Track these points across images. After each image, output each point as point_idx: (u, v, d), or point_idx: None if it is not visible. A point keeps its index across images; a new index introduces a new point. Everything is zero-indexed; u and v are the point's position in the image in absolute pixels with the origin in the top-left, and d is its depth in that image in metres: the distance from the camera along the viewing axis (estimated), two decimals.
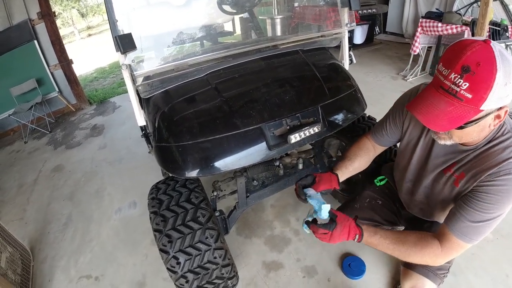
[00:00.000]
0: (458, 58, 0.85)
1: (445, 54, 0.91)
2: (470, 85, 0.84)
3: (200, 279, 1.40)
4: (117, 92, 5.99)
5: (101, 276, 2.12)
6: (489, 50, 0.82)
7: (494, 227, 1.01)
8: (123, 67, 1.38)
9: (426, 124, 0.96)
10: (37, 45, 4.59)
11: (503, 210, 0.98)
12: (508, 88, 0.83)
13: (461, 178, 1.10)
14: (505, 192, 0.96)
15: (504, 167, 0.96)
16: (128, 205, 2.75)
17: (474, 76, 0.83)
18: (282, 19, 2.61)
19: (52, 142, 4.26)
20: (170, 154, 1.42)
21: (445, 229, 1.06)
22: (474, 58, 0.83)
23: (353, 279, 1.86)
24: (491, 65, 0.81)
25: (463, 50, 0.85)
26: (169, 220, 1.40)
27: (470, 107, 0.87)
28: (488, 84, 0.82)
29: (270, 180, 1.93)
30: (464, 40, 0.88)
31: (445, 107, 0.90)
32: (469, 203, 1.01)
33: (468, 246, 1.03)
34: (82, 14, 21.57)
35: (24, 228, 2.65)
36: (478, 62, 0.82)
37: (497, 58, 0.81)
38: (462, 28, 3.74)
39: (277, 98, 1.52)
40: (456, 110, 0.89)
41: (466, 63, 0.83)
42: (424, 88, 1.05)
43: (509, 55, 0.83)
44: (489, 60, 0.81)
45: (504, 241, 1.99)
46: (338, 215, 1.18)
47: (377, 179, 1.68)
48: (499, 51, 0.82)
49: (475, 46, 0.83)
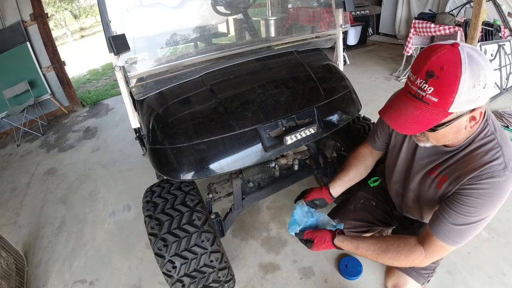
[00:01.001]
0: (423, 64, 0.87)
1: (415, 61, 0.93)
2: (435, 89, 0.86)
3: (196, 283, 1.38)
4: (110, 94, 5.95)
5: (96, 280, 2.09)
6: (455, 53, 0.83)
7: (479, 230, 1.00)
8: (116, 68, 1.37)
9: (395, 128, 0.99)
10: (29, 47, 4.54)
11: (486, 214, 0.97)
12: (478, 90, 0.84)
13: (444, 181, 1.10)
14: (488, 195, 0.95)
15: (486, 171, 0.95)
16: (122, 208, 2.73)
17: (438, 81, 0.85)
18: (276, 20, 2.61)
19: (44, 145, 4.21)
20: (164, 157, 1.41)
21: (429, 231, 1.06)
22: (438, 62, 0.85)
23: (350, 279, 1.86)
24: (456, 69, 0.82)
25: (429, 55, 0.87)
26: (164, 223, 1.38)
27: (437, 110, 0.88)
28: (453, 88, 0.83)
29: (266, 181, 1.92)
30: (433, 45, 0.89)
31: (413, 111, 0.92)
32: (452, 205, 1.01)
33: (452, 248, 1.03)
34: (74, 15, 21.47)
35: (18, 232, 2.62)
36: (442, 67, 0.84)
37: (463, 60, 0.82)
38: (455, 28, 3.77)
39: (273, 99, 1.51)
40: (424, 114, 0.90)
41: (430, 68, 0.85)
42: (395, 94, 1.08)
43: (480, 57, 0.84)
44: (453, 64, 0.83)
45: (500, 239, 2.00)
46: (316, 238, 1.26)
47: (371, 180, 1.68)
48: (467, 54, 0.83)
49: (441, 51, 0.85)
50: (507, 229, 2.07)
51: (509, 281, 1.77)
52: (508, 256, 1.90)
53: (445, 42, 0.88)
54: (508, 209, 2.20)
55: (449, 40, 0.89)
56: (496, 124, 1.03)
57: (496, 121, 1.05)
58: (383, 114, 1.03)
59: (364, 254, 1.17)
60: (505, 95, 3.96)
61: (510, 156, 0.96)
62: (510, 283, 1.76)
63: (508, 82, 4.02)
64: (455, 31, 3.77)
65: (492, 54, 3.79)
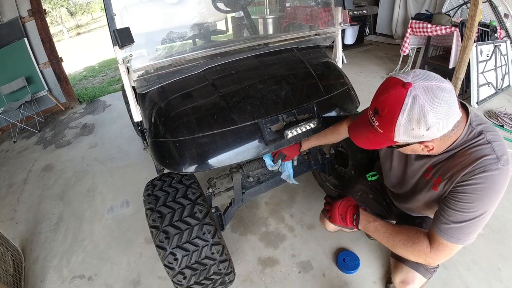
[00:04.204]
0: (376, 99, 0.99)
1: (377, 89, 1.01)
2: (379, 123, 0.97)
3: (197, 275, 1.39)
4: (107, 90, 5.93)
5: (95, 276, 2.10)
6: (401, 97, 0.90)
7: (481, 227, 1.01)
8: (119, 61, 1.37)
9: (356, 143, 1.15)
10: (27, 43, 4.51)
11: (484, 209, 0.98)
12: (418, 131, 0.91)
13: (438, 182, 1.11)
14: (483, 190, 0.96)
15: (479, 165, 0.97)
16: (120, 203, 2.73)
17: (381, 119, 0.96)
18: (274, 19, 2.63)
19: (41, 141, 4.19)
20: (166, 150, 1.42)
21: (432, 230, 1.07)
22: (383, 103, 0.94)
23: (347, 273, 1.88)
24: (395, 113, 0.91)
25: (382, 91, 0.97)
26: (166, 216, 1.39)
27: (385, 137, 0.99)
28: (391, 128, 0.94)
29: (265, 176, 1.94)
30: (392, 79, 0.97)
31: (368, 134, 1.06)
32: (449, 204, 1.02)
33: (458, 246, 1.03)
34: (71, 12, 21.35)
35: (15, 229, 2.61)
36: (384, 108, 0.94)
37: (404, 106, 0.89)
38: (452, 29, 3.80)
39: (274, 94, 1.53)
40: (376, 137, 1.03)
41: (377, 106, 0.97)
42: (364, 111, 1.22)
43: (430, 101, 0.87)
44: (394, 108, 0.91)
45: (495, 236, 2.03)
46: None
47: (369, 174, 1.70)
48: (413, 98, 0.88)
49: (391, 91, 0.93)
50: (502, 226, 2.10)
51: (504, 276, 1.80)
52: (503, 251, 1.94)
53: (403, 78, 0.93)
54: (503, 206, 2.23)
55: (407, 77, 0.93)
56: (483, 126, 1.03)
57: (485, 123, 1.05)
58: (350, 129, 1.21)
59: (379, 230, 1.19)
60: (500, 95, 4.02)
61: (502, 151, 0.98)
62: (505, 278, 1.79)
63: (504, 82, 4.07)
64: (451, 31, 3.80)
65: (488, 54, 3.83)
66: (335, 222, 1.36)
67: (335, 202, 1.37)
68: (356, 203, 1.34)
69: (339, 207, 1.34)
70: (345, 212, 1.32)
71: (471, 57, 3.61)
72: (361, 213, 1.28)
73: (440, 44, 4.57)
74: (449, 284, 1.78)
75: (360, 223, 1.26)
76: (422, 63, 4.65)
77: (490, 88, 3.91)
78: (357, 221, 1.27)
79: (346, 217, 1.31)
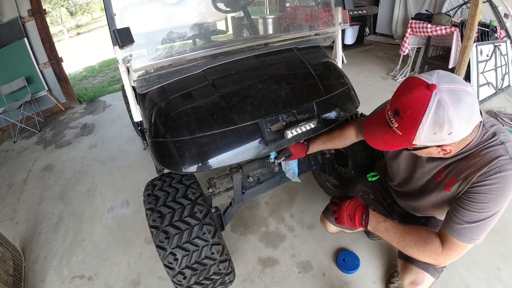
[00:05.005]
0: (396, 99, 0.94)
1: (397, 89, 0.98)
2: (399, 125, 0.94)
3: (197, 275, 1.39)
4: (107, 90, 5.93)
5: (95, 276, 2.10)
6: (425, 98, 0.87)
7: (492, 225, 1.01)
8: (119, 61, 1.37)
9: (369, 143, 1.11)
10: (27, 43, 4.51)
11: (498, 208, 0.99)
12: (440, 135, 0.88)
13: (452, 183, 1.10)
14: (498, 190, 0.97)
15: (494, 166, 0.97)
16: (120, 204, 2.73)
17: (401, 120, 0.92)
18: (274, 19, 2.63)
19: (41, 141, 4.19)
20: (167, 150, 1.42)
21: (444, 231, 1.07)
22: (406, 104, 0.90)
23: (347, 273, 1.88)
24: (418, 115, 0.87)
25: (404, 92, 0.92)
26: (166, 216, 1.39)
27: (403, 139, 0.96)
28: (412, 131, 0.90)
29: (265, 176, 1.94)
30: (414, 80, 0.93)
31: (384, 134, 1.02)
32: (464, 205, 1.02)
33: (469, 246, 1.04)
34: (71, 12, 21.35)
35: (15, 229, 2.61)
36: (407, 110, 0.90)
37: (428, 109, 0.86)
38: (452, 29, 3.80)
39: (274, 94, 1.53)
40: (392, 139, 0.99)
41: (398, 107, 0.93)
42: (380, 109, 1.19)
43: (452, 105, 0.85)
44: (418, 110, 0.87)
45: (495, 236, 2.03)
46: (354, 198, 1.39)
47: (370, 175, 1.69)
48: (438, 101, 0.85)
49: (414, 92, 0.89)
50: (502, 226, 2.10)
51: (504, 276, 1.80)
52: (503, 251, 1.94)
53: (426, 79, 0.90)
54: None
55: (431, 78, 0.90)
56: (496, 128, 1.04)
57: (497, 124, 1.06)
58: (363, 128, 1.18)
59: (389, 230, 1.18)
60: (501, 95, 4.02)
61: None
62: (505, 278, 1.79)
63: (504, 82, 4.07)
64: (451, 31, 3.81)
65: (488, 54, 3.83)
66: (343, 223, 1.34)
67: (343, 203, 1.36)
68: (364, 204, 1.33)
69: (348, 208, 1.33)
70: (354, 213, 1.30)
71: (471, 57, 3.61)
72: (370, 213, 1.26)
73: (440, 44, 4.57)
74: (449, 284, 1.78)
75: (370, 224, 1.24)
76: (422, 63, 4.65)
77: (490, 88, 3.91)
78: (366, 222, 1.25)
79: (354, 217, 1.29)
